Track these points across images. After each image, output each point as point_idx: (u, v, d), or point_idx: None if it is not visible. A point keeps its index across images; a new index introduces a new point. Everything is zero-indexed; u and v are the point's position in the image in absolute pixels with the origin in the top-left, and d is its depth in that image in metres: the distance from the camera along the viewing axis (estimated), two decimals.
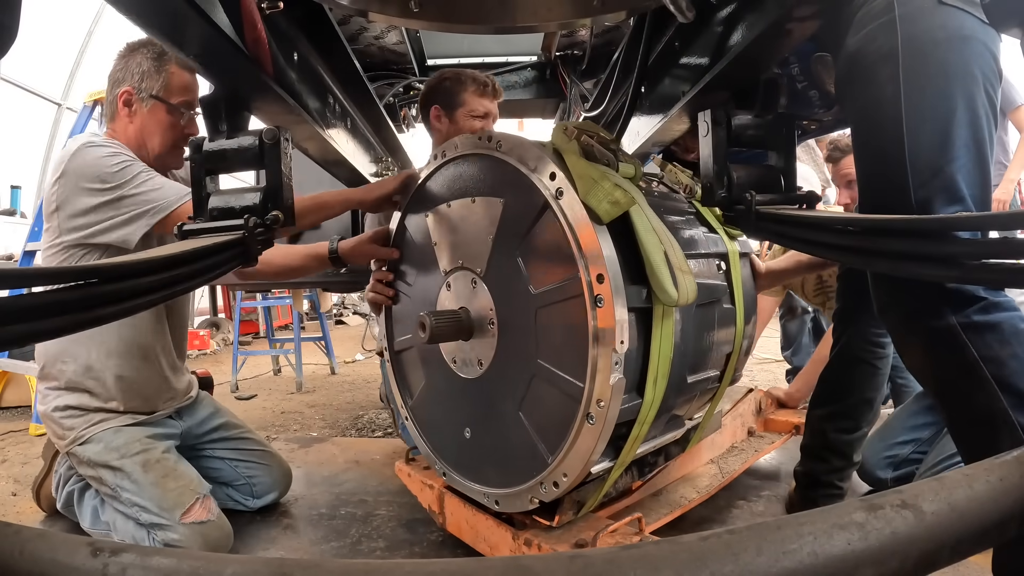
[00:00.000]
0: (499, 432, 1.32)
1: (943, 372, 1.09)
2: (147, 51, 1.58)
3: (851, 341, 1.63)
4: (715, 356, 1.43)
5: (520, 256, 1.23)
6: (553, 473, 1.19)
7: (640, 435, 1.22)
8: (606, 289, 1.06)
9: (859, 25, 1.14)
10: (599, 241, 1.08)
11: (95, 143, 1.56)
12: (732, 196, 1.23)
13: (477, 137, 1.31)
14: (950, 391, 1.10)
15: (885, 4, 1.09)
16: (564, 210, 1.13)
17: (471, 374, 1.37)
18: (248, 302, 4.85)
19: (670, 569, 0.39)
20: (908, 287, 1.08)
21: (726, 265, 1.47)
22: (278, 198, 1.18)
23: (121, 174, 1.51)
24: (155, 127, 1.60)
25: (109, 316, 0.76)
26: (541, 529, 1.28)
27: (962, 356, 1.03)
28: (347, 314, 9.62)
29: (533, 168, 1.19)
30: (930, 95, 1.05)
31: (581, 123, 1.28)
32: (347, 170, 1.96)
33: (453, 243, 1.39)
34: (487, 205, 1.30)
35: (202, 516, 1.56)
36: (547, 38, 2.58)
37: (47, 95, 6.50)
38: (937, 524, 0.44)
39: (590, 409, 1.10)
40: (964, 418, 1.09)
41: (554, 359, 1.18)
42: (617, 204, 1.09)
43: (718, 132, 1.23)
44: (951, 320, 1.03)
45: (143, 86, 1.57)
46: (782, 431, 2.13)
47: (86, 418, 1.62)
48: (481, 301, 1.32)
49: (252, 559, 0.43)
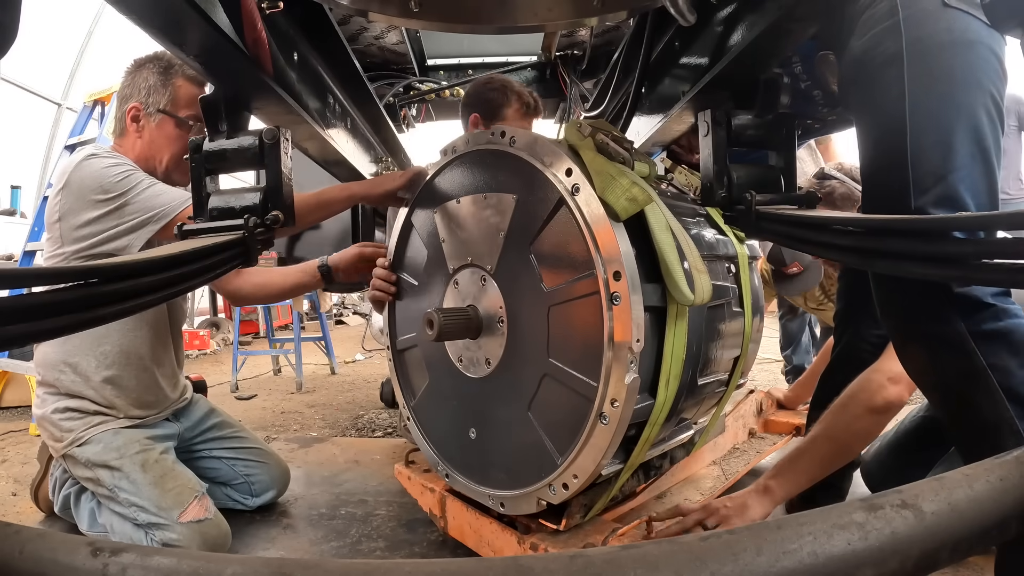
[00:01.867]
0: (506, 433, 1.31)
1: (947, 378, 1.07)
2: (153, 66, 1.59)
3: (851, 341, 1.63)
4: (724, 359, 1.42)
5: (533, 253, 1.21)
6: (563, 475, 1.17)
7: (651, 437, 1.21)
8: (623, 287, 1.05)
9: (864, 27, 1.13)
10: (616, 238, 1.07)
11: (98, 155, 1.58)
12: (732, 196, 1.23)
13: (490, 133, 1.30)
14: (953, 398, 1.08)
15: (889, 7, 1.08)
16: (580, 206, 1.11)
17: (478, 373, 1.35)
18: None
19: (670, 569, 0.39)
20: (912, 289, 1.07)
21: (735, 268, 1.46)
22: (278, 198, 1.18)
23: (124, 183, 1.52)
24: (163, 141, 1.61)
25: (109, 316, 0.76)
26: (548, 533, 1.26)
27: (969, 363, 1.01)
28: (347, 314, 9.63)
29: (548, 164, 1.17)
30: (934, 101, 1.04)
31: (595, 121, 1.27)
32: (347, 170, 1.96)
33: (462, 240, 1.37)
34: (498, 201, 1.28)
35: (199, 514, 1.56)
36: (547, 38, 2.58)
37: (47, 95, 6.50)
38: (937, 524, 0.44)
39: (603, 409, 1.09)
40: (968, 425, 1.07)
41: (567, 358, 1.16)
42: (635, 201, 1.07)
43: (718, 132, 1.23)
44: (960, 326, 1.01)
45: (150, 101, 1.58)
46: (783, 432, 2.13)
47: (85, 420, 1.62)
48: (491, 299, 1.31)
49: (252, 559, 0.43)
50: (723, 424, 1.85)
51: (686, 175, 1.47)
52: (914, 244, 0.85)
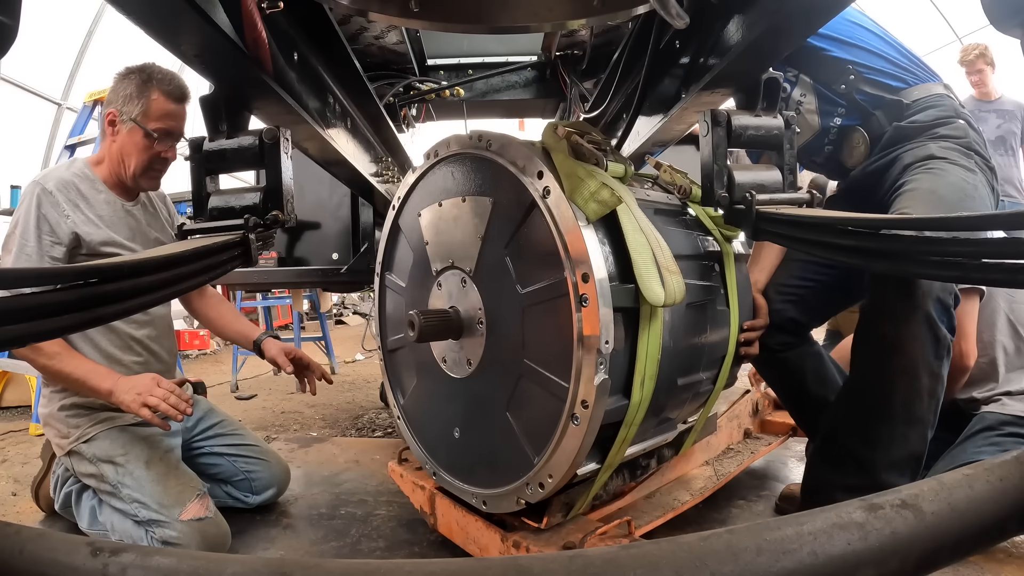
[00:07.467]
0: (487, 432, 1.32)
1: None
2: (135, 77, 1.64)
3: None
4: (708, 358, 1.41)
5: (508, 255, 1.23)
6: (539, 474, 1.18)
7: (628, 437, 1.21)
8: (591, 289, 1.06)
9: (909, 152, 1.51)
10: (585, 240, 1.07)
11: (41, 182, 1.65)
12: (732, 196, 1.23)
13: (468, 136, 1.31)
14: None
15: (927, 154, 1.47)
16: (551, 209, 1.13)
17: (460, 373, 1.37)
18: (248, 302, 4.85)
19: (670, 569, 0.39)
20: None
21: (720, 267, 1.45)
22: (278, 198, 1.18)
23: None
24: (132, 148, 1.66)
25: (109, 316, 0.76)
26: (530, 531, 1.28)
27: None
28: (347, 314, 9.62)
29: (522, 167, 1.18)
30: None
31: (573, 122, 1.27)
32: (347, 170, 1.96)
33: (444, 242, 1.39)
34: (477, 204, 1.30)
35: (200, 513, 1.57)
36: (547, 38, 2.58)
37: (47, 95, 6.50)
38: (937, 524, 0.44)
39: (575, 410, 1.10)
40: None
41: (541, 359, 1.18)
42: (603, 203, 1.08)
43: (718, 132, 1.23)
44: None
45: (125, 109, 1.63)
46: (779, 432, 2.12)
47: (92, 417, 1.64)
48: (471, 300, 1.32)
49: (252, 559, 0.43)
50: (714, 424, 1.85)
51: (672, 173, 1.47)
52: (914, 244, 0.85)
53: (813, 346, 1.79)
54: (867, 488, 0.55)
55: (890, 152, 1.57)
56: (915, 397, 1.30)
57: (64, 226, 1.58)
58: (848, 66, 1.60)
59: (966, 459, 1.62)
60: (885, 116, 1.59)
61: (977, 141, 1.53)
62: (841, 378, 1.77)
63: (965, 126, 1.54)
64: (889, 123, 1.58)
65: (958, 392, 1.83)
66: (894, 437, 1.31)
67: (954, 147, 1.49)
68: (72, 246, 1.60)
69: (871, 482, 1.31)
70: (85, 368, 1.53)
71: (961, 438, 1.73)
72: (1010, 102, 4.22)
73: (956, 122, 1.54)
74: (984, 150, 1.54)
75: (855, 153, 1.65)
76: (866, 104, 1.61)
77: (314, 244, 2.98)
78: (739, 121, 1.25)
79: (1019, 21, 0.78)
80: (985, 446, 1.64)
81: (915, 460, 1.33)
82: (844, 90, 1.61)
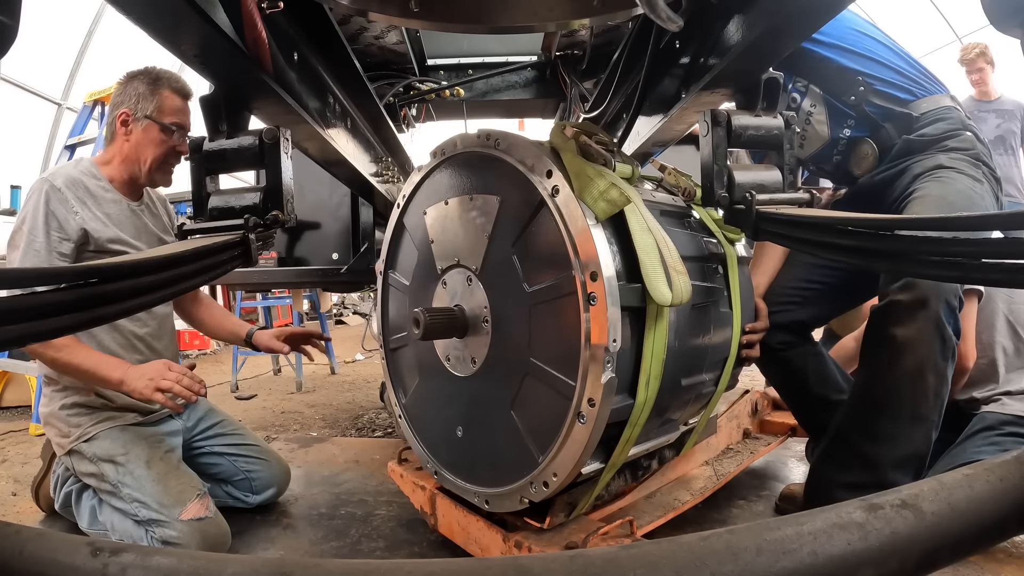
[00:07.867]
0: (491, 431, 1.32)
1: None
2: (144, 77, 1.71)
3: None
4: (711, 360, 1.42)
5: (516, 254, 1.23)
6: (543, 473, 1.18)
7: (632, 437, 1.21)
8: (600, 287, 1.06)
9: (918, 163, 1.54)
10: (594, 239, 1.08)
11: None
12: (732, 196, 1.23)
13: (476, 135, 1.31)
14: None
15: (936, 164, 1.50)
16: (560, 208, 1.13)
17: (464, 372, 1.36)
18: (248, 302, 4.85)
19: (670, 569, 0.39)
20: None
21: (723, 269, 1.46)
22: (278, 198, 1.18)
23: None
24: (148, 144, 1.70)
25: (109, 316, 0.76)
26: (532, 531, 1.27)
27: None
28: (347, 314, 9.62)
29: (530, 166, 1.19)
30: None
31: (580, 123, 1.28)
32: (347, 170, 1.96)
33: (450, 241, 1.39)
34: (484, 203, 1.30)
35: (200, 512, 1.57)
36: (547, 38, 2.58)
37: (47, 95, 6.51)
38: (937, 524, 0.44)
39: (581, 408, 1.10)
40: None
41: (547, 357, 1.18)
42: (612, 203, 1.09)
43: (718, 132, 1.23)
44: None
45: (139, 107, 1.68)
46: (778, 432, 2.11)
47: (93, 416, 1.65)
48: (476, 299, 1.32)
49: (252, 559, 0.43)
50: (714, 425, 1.85)
51: (676, 175, 1.48)
52: (914, 244, 0.85)
53: (815, 346, 1.80)
54: (872, 485, 0.55)
55: (899, 163, 1.59)
56: (921, 397, 1.31)
57: (72, 222, 1.59)
58: (858, 77, 1.61)
59: (966, 459, 1.62)
60: (894, 128, 1.61)
61: (984, 153, 1.57)
62: (842, 378, 1.78)
63: (973, 138, 1.58)
64: (898, 135, 1.60)
65: (958, 393, 1.84)
66: (900, 435, 1.33)
67: (963, 158, 1.53)
68: (80, 242, 1.60)
69: (876, 479, 1.32)
70: (94, 359, 1.55)
71: (961, 438, 1.73)
72: (1010, 102, 4.22)
73: (964, 134, 1.57)
74: (990, 160, 1.57)
75: (864, 163, 1.67)
76: (876, 116, 1.62)
77: (314, 244, 2.98)
78: (739, 121, 1.25)
79: (1019, 21, 0.78)
80: (985, 446, 1.64)
81: (919, 459, 1.34)
82: (854, 101, 1.62)
